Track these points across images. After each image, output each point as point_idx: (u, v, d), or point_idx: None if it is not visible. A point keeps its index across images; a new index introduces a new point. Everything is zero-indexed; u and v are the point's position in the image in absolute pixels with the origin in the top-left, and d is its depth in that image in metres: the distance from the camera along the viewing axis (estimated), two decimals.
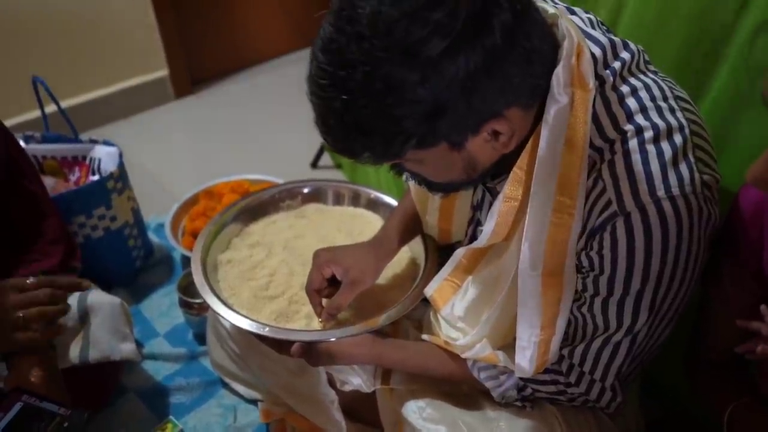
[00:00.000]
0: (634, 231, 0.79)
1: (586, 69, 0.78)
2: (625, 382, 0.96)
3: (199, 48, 2.77)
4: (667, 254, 0.80)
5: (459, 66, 0.69)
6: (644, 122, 0.81)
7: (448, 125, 0.74)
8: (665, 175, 0.78)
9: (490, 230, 0.90)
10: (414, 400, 1.08)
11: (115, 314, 1.36)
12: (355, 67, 0.69)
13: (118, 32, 2.47)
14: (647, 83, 0.85)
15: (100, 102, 2.52)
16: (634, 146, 0.80)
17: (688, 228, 0.79)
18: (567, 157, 0.79)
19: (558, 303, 0.87)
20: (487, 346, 0.95)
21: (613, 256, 0.81)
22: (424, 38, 0.67)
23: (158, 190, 2.21)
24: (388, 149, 0.76)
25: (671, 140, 0.80)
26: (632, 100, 0.82)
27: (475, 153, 0.81)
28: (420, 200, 1.17)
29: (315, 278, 1.11)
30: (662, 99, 0.84)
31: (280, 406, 1.40)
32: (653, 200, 0.78)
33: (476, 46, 0.69)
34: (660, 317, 0.86)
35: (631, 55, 0.85)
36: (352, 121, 0.72)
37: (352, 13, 0.68)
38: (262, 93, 2.78)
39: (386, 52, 0.67)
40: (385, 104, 0.70)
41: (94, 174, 1.70)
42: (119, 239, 1.73)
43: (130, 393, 1.52)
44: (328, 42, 0.70)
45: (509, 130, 0.78)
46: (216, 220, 1.32)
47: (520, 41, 0.71)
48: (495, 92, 0.73)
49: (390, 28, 0.67)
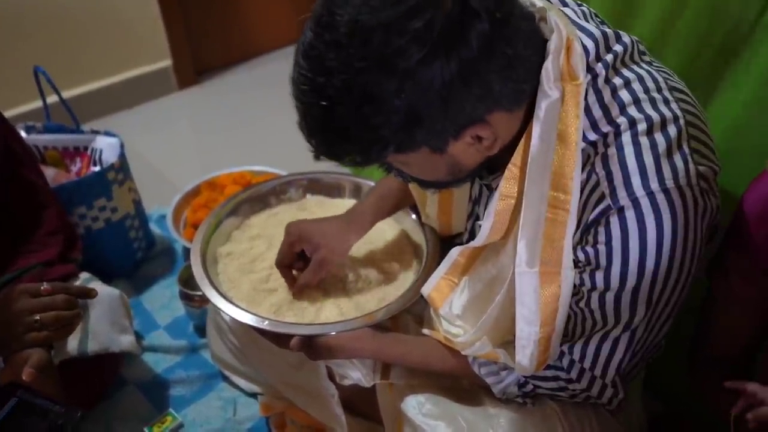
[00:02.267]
0: (628, 225, 0.78)
1: (577, 62, 0.78)
2: (626, 379, 0.95)
3: (203, 38, 2.76)
4: (663, 248, 0.79)
5: (435, 76, 0.69)
6: (637, 114, 0.80)
7: (425, 133, 0.75)
8: (659, 167, 0.78)
9: (487, 229, 0.89)
10: (413, 395, 1.07)
11: (114, 306, 1.35)
12: (333, 75, 0.69)
13: (121, 22, 2.46)
14: (641, 75, 0.84)
15: (103, 92, 2.51)
16: (627, 139, 0.79)
17: (683, 221, 0.78)
18: (560, 151, 0.79)
19: (556, 300, 0.86)
20: (487, 344, 0.94)
21: (608, 250, 0.80)
22: (401, 48, 0.67)
23: (160, 181, 2.20)
24: (368, 155, 0.77)
25: (665, 132, 0.79)
26: (625, 93, 0.82)
27: (459, 156, 0.81)
28: (419, 193, 1.17)
29: (286, 254, 1.15)
30: (656, 90, 0.83)
31: (280, 399, 1.39)
32: (647, 193, 0.77)
33: (452, 56, 0.69)
34: (658, 312, 0.86)
35: (624, 47, 0.84)
36: (332, 127, 0.73)
37: (330, 20, 0.69)
38: (265, 84, 2.76)
39: (363, 62, 0.68)
40: (362, 112, 0.71)
41: (96, 165, 1.69)
42: (120, 230, 1.72)
43: (129, 385, 1.52)
44: (308, 48, 0.71)
45: (491, 134, 0.78)
46: (216, 212, 1.31)
47: (500, 49, 0.71)
48: (473, 100, 0.73)
49: (367, 38, 0.68)
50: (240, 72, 2.89)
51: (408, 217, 1.29)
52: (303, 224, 1.16)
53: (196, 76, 2.78)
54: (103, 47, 2.47)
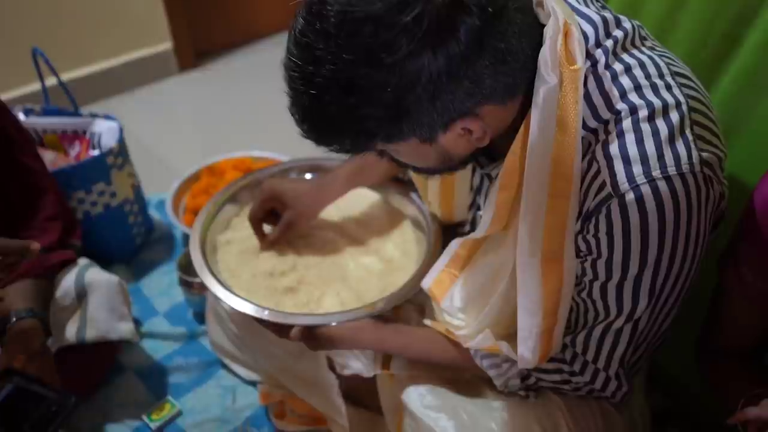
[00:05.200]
0: (629, 213, 0.77)
1: (574, 47, 0.76)
2: (630, 372, 0.94)
3: (204, 20, 2.73)
4: (665, 236, 0.78)
5: (422, 70, 0.69)
6: (638, 101, 0.78)
7: (413, 125, 0.74)
8: (661, 154, 0.76)
9: (488, 220, 0.88)
10: (414, 387, 1.06)
11: (112, 293, 1.35)
12: (322, 64, 0.69)
13: (121, 3, 2.43)
14: (642, 60, 0.82)
15: (102, 75, 2.49)
16: (628, 126, 0.78)
17: (686, 209, 0.77)
18: (559, 138, 0.77)
19: (558, 291, 0.85)
20: (489, 337, 0.93)
21: (609, 239, 0.79)
22: (389, 42, 0.67)
23: (160, 166, 2.19)
24: (356, 144, 0.77)
25: (667, 118, 0.78)
26: (626, 79, 0.80)
27: (449, 147, 0.80)
28: (420, 181, 1.16)
29: (258, 210, 1.22)
30: (658, 76, 0.81)
31: (279, 388, 1.39)
32: (648, 180, 0.76)
33: (440, 51, 0.68)
34: (661, 303, 0.84)
35: (624, 32, 0.82)
36: (320, 115, 0.73)
37: (321, 9, 0.68)
38: (267, 68, 2.72)
39: (351, 53, 0.68)
40: (349, 103, 0.70)
41: (95, 149, 1.67)
42: (119, 216, 1.71)
43: (128, 372, 1.51)
44: (299, 35, 0.71)
45: (481, 127, 0.77)
46: (216, 199, 1.30)
47: (492, 44, 0.70)
48: (461, 94, 0.72)
49: (356, 30, 0.67)
50: (241, 55, 2.86)
51: (411, 205, 1.28)
52: (276, 183, 1.23)
53: (197, 60, 2.75)
54: (103, 29, 2.44)
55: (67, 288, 1.30)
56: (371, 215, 1.31)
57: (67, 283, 1.31)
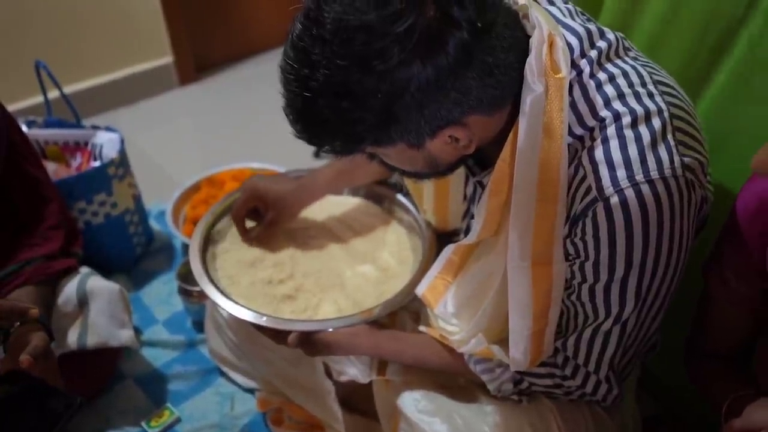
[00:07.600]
0: (614, 215, 0.79)
1: (559, 57, 0.79)
2: (620, 375, 0.96)
3: (205, 35, 2.76)
4: (649, 238, 0.80)
5: (411, 79, 0.71)
6: (622, 108, 0.81)
7: (401, 130, 0.77)
8: (644, 158, 0.78)
9: (479, 226, 0.90)
10: (409, 392, 1.08)
11: (113, 301, 1.36)
12: (316, 68, 0.71)
13: (123, 17, 2.46)
14: (625, 69, 0.85)
15: (104, 88, 2.51)
16: (612, 132, 0.80)
17: (669, 211, 0.79)
18: (546, 144, 0.79)
19: (548, 293, 0.87)
20: (482, 341, 0.95)
21: (596, 241, 0.81)
22: (381, 50, 0.69)
23: (161, 177, 2.20)
24: (346, 146, 0.80)
25: (649, 124, 0.80)
26: (610, 87, 0.83)
27: (436, 153, 0.83)
28: (415, 188, 1.18)
29: (240, 209, 1.26)
30: (640, 84, 0.84)
31: (277, 395, 1.40)
32: (632, 184, 0.78)
33: (429, 62, 0.71)
34: (648, 305, 0.86)
35: (608, 43, 0.85)
36: (313, 117, 0.76)
37: (318, 16, 0.71)
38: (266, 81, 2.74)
39: (345, 59, 0.70)
40: (341, 107, 0.73)
41: (96, 160, 1.69)
42: (120, 226, 1.73)
43: (128, 380, 1.52)
44: (296, 39, 0.73)
45: (467, 136, 0.80)
46: (215, 209, 1.32)
47: (480, 57, 0.73)
48: (449, 104, 0.75)
49: (350, 37, 0.69)
50: (241, 69, 2.89)
51: (406, 213, 1.30)
52: (257, 183, 1.26)
53: (197, 73, 2.78)
54: (105, 43, 2.47)
55: (68, 295, 1.31)
56: (368, 224, 1.32)
57: (69, 291, 1.32)
